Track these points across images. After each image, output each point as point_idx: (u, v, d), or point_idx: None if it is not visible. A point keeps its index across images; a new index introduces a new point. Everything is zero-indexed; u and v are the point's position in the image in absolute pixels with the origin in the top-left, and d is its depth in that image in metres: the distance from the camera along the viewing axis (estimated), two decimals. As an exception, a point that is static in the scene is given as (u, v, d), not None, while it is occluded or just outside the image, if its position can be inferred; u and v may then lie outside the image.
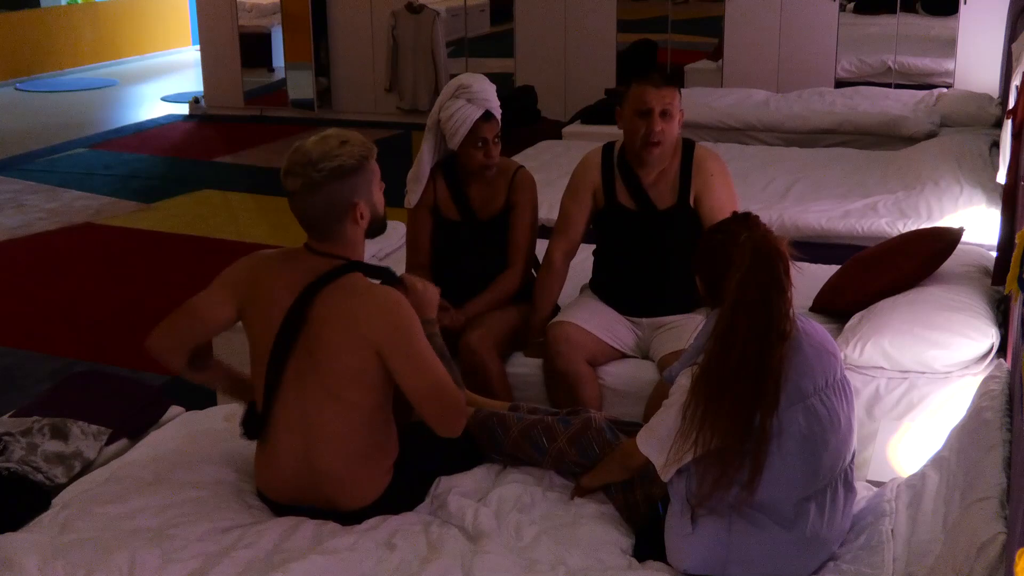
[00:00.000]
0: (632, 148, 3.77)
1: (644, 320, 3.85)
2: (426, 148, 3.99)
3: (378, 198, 2.89)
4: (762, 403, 2.50)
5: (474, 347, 3.75)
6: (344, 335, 2.77)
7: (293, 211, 2.85)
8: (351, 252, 2.87)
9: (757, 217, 2.69)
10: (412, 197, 4.01)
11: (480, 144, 3.86)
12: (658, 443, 2.67)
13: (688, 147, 3.85)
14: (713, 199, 3.74)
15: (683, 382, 2.64)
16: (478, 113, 3.83)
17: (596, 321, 3.81)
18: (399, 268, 4.08)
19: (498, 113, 3.89)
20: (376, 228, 2.91)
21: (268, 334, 2.84)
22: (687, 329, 3.55)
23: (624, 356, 3.85)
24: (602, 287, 3.95)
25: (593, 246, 4.03)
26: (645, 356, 3.84)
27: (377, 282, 2.88)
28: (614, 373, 3.79)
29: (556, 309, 4.02)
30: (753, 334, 2.50)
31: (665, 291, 3.81)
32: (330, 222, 2.82)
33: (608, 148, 3.92)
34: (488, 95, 3.87)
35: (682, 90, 9.13)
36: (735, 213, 2.78)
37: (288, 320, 2.81)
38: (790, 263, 2.55)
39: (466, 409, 2.94)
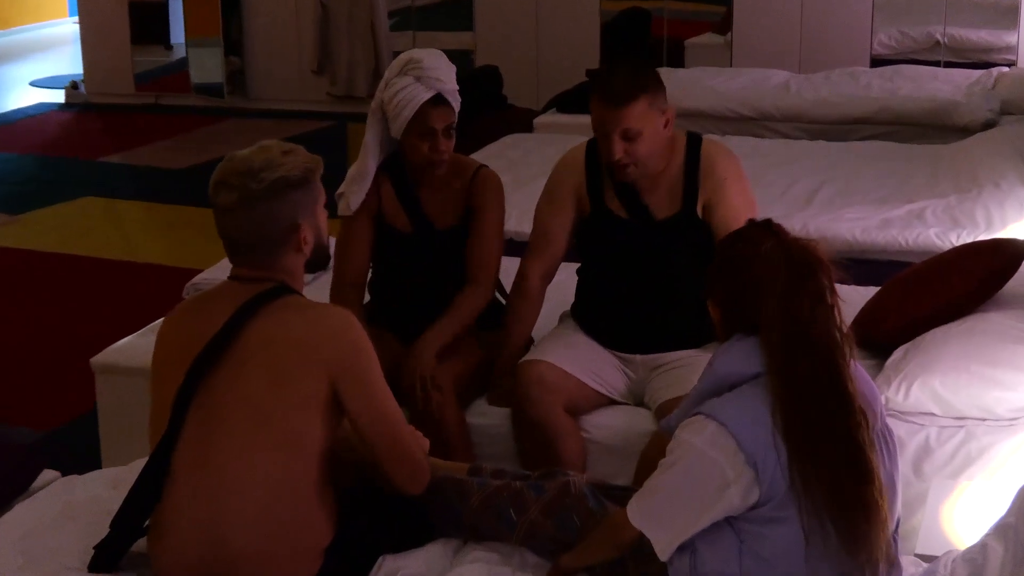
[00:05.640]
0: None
1: (638, 357, 3.84)
2: (371, 138, 3.97)
3: (323, 222, 2.99)
4: (858, 430, 2.58)
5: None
6: (294, 355, 2.83)
7: (222, 231, 2.92)
8: (289, 282, 2.94)
9: (779, 225, 2.72)
10: (353, 200, 3.96)
11: (426, 135, 3.86)
12: (655, 513, 2.67)
13: (694, 142, 3.85)
14: (727, 208, 3.73)
15: (684, 436, 2.64)
16: (426, 95, 3.82)
17: (578, 359, 3.81)
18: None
19: (454, 100, 3.89)
20: (319, 260, 3.02)
21: (180, 373, 2.85)
22: (694, 369, 3.55)
23: (613, 402, 3.85)
24: (586, 315, 3.95)
25: (576, 264, 4.04)
26: (639, 403, 3.84)
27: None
28: (601, 424, 3.79)
29: (529, 343, 4.02)
30: (817, 356, 2.58)
31: (666, 321, 3.80)
32: (268, 246, 2.90)
33: (594, 143, 3.93)
34: (441, 74, 3.86)
35: (682, 71, 9.16)
36: (751, 220, 2.80)
37: (210, 348, 2.83)
38: (833, 276, 2.62)
39: (424, 463, 3.01)
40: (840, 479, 2.56)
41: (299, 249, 2.92)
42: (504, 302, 4.09)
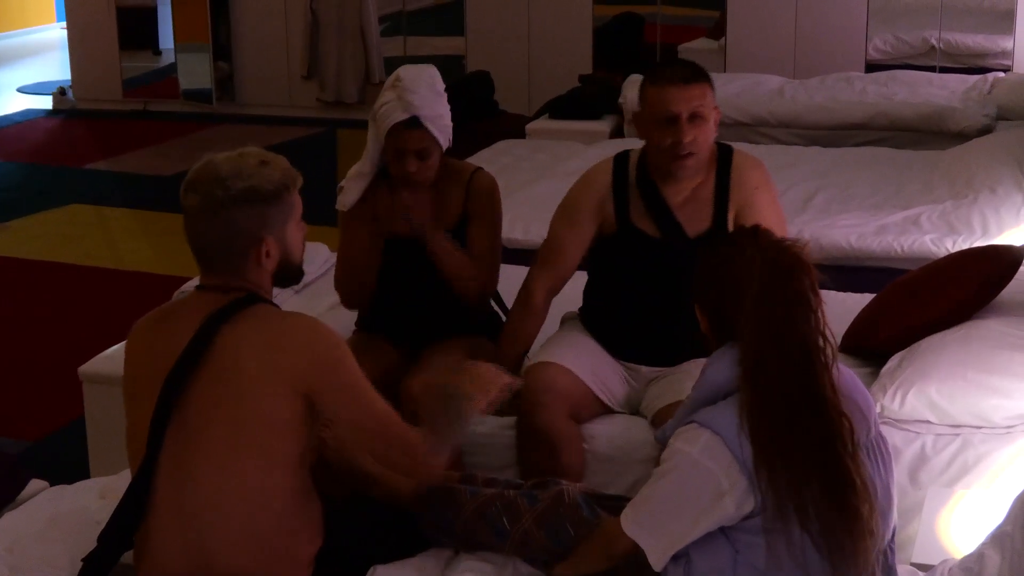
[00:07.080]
0: (658, 162, 3.73)
1: (644, 368, 3.81)
2: (370, 142, 3.97)
3: (294, 239, 2.95)
4: (835, 439, 2.54)
5: (416, 396, 3.73)
6: (261, 368, 2.80)
7: (187, 234, 2.89)
8: (258, 292, 2.91)
9: (766, 229, 2.72)
10: (348, 197, 3.95)
11: (398, 153, 3.83)
12: (649, 522, 2.67)
13: (725, 154, 3.81)
14: (758, 219, 3.60)
15: (679, 445, 2.64)
16: (400, 117, 3.78)
17: (586, 364, 3.76)
18: (323, 299, 4.07)
19: (433, 124, 3.82)
20: (287, 275, 2.98)
21: (154, 389, 2.83)
22: (688, 375, 3.54)
23: (609, 411, 3.83)
24: (596, 320, 3.90)
25: (580, 272, 3.99)
26: (635, 411, 3.83)
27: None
28: (596, 432, 3.75)
29: (522, 357, 4.00)
30: (789, 361, 2.56)
31: (685, 337, 3.69)
32: (228, 255, 2.87)
33: (622, 160, 3.87)
34: (418, 99, 3.80)
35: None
36: (740, 227, 2.80)
37: (180, 364, 2.81)
38: (816, 279, 2.60)
39: (421, 445, 2.92)
40: (815, 488, 2.55)
41: (259, 262, 2.88)
42: (502, 316, 4.08)
